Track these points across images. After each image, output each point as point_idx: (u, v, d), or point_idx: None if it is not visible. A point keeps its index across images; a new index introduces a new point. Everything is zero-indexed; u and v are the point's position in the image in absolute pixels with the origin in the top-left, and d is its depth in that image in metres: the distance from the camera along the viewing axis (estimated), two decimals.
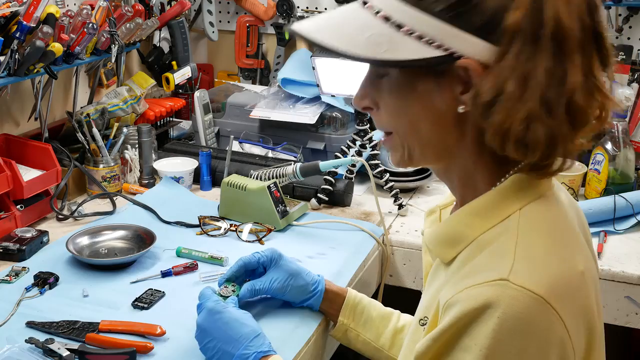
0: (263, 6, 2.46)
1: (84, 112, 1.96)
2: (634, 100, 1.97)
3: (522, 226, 0.81)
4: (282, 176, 1.77)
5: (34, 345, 1.20)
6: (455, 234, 0.86)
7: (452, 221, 0.88)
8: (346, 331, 1.30)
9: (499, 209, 0.83)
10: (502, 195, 0.84)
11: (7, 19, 1.60)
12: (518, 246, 0.79)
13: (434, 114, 0.84)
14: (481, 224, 0.83)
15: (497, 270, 0.76)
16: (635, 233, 1.72)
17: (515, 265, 0.76)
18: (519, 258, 0.77)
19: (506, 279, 0.75)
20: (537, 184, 0.85)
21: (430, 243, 0.91)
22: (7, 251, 1.52)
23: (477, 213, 0.84)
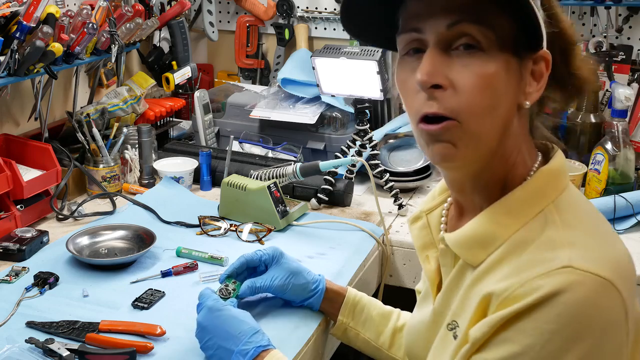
0: (263, 6, 2.46)
1: (84, 112, 1.96)
2: (634, 100, 1.97)
3: (563, 217, 0.82)
4: (282, 176, 1.77)
5: (34, 345, 1.20)
6: (486, 235, 0.84)
7: (481, 222, 0.86)
8: (346, 330, 1.31)
9: (529, 206, 0.83)
10: (531, 192, 0.84)
11: (7, 19, 1.60)
12: (567, 236, 0.79)
13: (508, 102, 0.82)
14: (513, 222, 0.83)
15: (556, 260, 0.76)
16: (635, 233, 1.72)
17: (573, 253, 0.76)
18: (573, 246, 0.78)
19: (569, 265, 0.75)
20: (561, 176, 0.87)
21: (457, 246, 0.88)
22: (7, 251, 1.52)
23: (508, 212, 0.84)
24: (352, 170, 1.87)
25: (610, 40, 2.03)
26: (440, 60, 0.80)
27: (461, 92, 0.79)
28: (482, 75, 0.79)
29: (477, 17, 0.79)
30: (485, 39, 0.79)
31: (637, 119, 1.99)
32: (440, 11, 0.80)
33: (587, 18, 2.08)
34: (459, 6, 0.79)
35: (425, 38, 0.81)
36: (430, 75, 0.79)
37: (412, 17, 0.82)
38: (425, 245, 1.00)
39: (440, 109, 0.80)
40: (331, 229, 1.71)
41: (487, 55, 0.79)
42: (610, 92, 2.02)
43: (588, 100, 2.00)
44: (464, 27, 0.79)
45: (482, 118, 0.80)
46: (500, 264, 0.82)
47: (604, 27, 2.03)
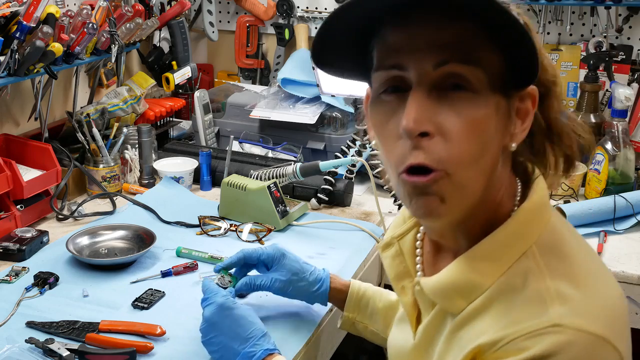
0: (263, 6, 2.46)
1: (84, 112, 1.96)
2: (634, 100, 1.97)
3: (548, 263, 0.75)
4: (282, 176, 1.77)
5: (34, 345, 1.20)
6: (467, 284, 0.78)
7: (460, 270, 0.79)
8: (353, 324, 1.28)
9: (510, 249, 0.77)
10: (511, 235, 0.78)
11: (7, 19, 1.60)
12: (553, 286, 0.73)
13: (496, 146, 0.75)
14: (495, 269, 0.77)
15: (544, 317, 0.70)
16: (635, 233, 1.72)
17: (563, 309, 0.71)
18: (563, 300, 0.72)
19: (559, 324, 0.69)
20: (542, 210, 0.80)
21: (435, 295, 0.81)
22: (7, 251, 1.52)
23: (489, 258, 0.77)
24: (352, 170, 1.87)
25: (610, 40, 2.03)
26: (426, 104, 0.72)
27: (450, 139, 0.72)
28: (473, 120, 0.72)
29: (467, 56, 0.71)
30: (475, 79, 0.72)
31: (637, 119, 1.99)
32: (426, 47, 0.72)
33: (587, 18, 2.09)
34: (446, 42, 0.71)
35: (408, 77, 0.73)
36: (418, 122, 0.71)
37: (391, 52, 0.74)
38: (400, 275, 0.92)
39: (428, 159, 0.72)
40: (331, 229, 1.71)
41: (477, 97, 0.72)
42: (610, 92, 2.03)
43: (588, 100, 2.00)
44: (453, 68, 0.71)
45: (471, 167, 0.73)
46: (483, 313, 0.76)
47: (604, 27, 2.03)
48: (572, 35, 2.12)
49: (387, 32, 0.74)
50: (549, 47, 2.13)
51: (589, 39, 2.07)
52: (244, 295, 1.40)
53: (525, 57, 0.72)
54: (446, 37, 0.71)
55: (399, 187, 0.77)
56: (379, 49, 0.76)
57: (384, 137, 0.77)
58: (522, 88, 0.76)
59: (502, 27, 0.70)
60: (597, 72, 2.00)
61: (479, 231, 0.80)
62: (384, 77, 0.75)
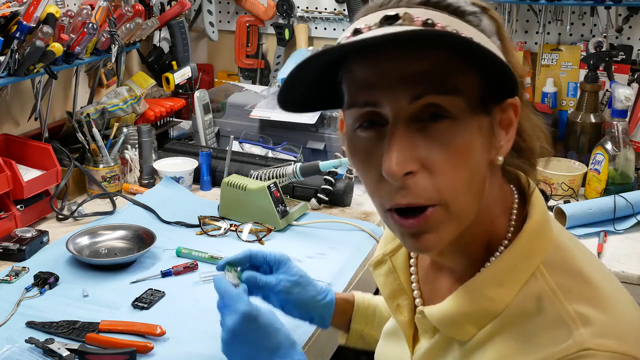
0: (263, 6, 2.46)
1: (84, 112, 1.96)
2: (634, 100, 1.97)
3: (558, 284, 0.73)
4: (282, 176, 1.77)
5: (34, 345, 1.20)
6: (477, 312, 0.75)
7: (469, 298, 0.76)
8: (361, 336, 1.19)
9: (518, 272, 0.75)
10: (518, 256, 0.75)
11: (7, 19, 1.60)
12: (571, 309, 0.71)
13: (483, 165, 0.72)
14: (505, 293, 0.74)
15: (569, 341, 0.68)
16: (635, 233, 1.72)
17: (587, 330, 0.69)
18: (584, 321, 0.69)
19: (588, 348, 0.67)
20: (545, 227, 0.78)
21: (442, 324, 0.78)
22: (7, 251, 1.52)
23: (498, 283, 0.75)
24: (352, 170, 1.87)
25: (610, 40, 2.03)
26: (407, 142, 0.67)
27: (438, 172, 0.68)
28: (457, 148, 0.68)
29: (443, 86, 0.67)
30: (454, 107, 0.68)
31: (637, 119, 1.99)
32: (399, 81, 0.67)
33: (587, 18, 2.09)
34: (418, 73, 0.67)
35: (383, 112, 0.69)
36: (400, 164, 0.67)
37: (362, 88, 0.69)
38: (395, 293, 0.88)
39: (417, 198, 0.69)
40: (331, 229, 1.70)
41: (457, 123, 0.68)
42: (610, 92, 2.03)
43: (588, 100, 2.00)
44: (430, 99, 0.67)
45: (464, 195, 0.70)
46: (497, 337, 0.74)
47: (604, 27, 2.03)
48: (572, 35, 2.12)
49: (356, 67, 0.70)
50: (549, 47, 2.13)
51: (589, 39, 2.08)
52: None
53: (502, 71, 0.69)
54: (419, 68, 0.67)
55: (388, 221, 0.74)
56: (348, 84, 0.72)
57: (365, 174, 0.74)
58: (502, 100, 0.74)
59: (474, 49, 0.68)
60: (597, 72, 2.00)
61: (479, 247, 0.78)
62: (358, 114, 0.71)
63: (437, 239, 0.71)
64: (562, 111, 2.14)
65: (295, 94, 0.75)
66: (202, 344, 1.24)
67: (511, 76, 0.68)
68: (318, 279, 1.47)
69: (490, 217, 0.77)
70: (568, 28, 2.09)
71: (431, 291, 0.85)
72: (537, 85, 2.16)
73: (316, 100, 0.78)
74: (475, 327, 0.75)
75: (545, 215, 0.79)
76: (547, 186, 1.88)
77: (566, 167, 1.95)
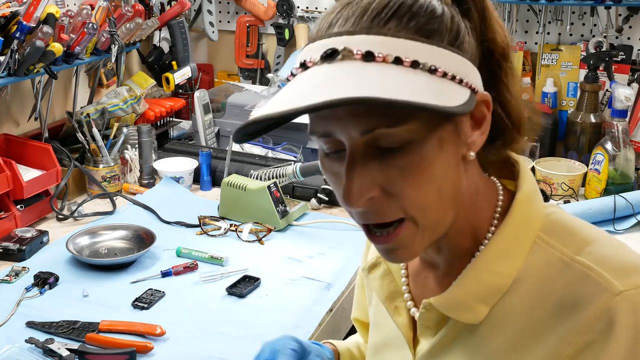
0: (263, 6, 2.46)
1: (84, 112, 1.96)
2: (634, 100, 1.97)
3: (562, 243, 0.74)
4: (282, 176, 1.77)
5: (34, 345, 1.20)
6: (487, 289, 0.75)
7: (477, 278, 0.76)
8: None
9: (519, 242, 0.76)
10: (517, 227, 0.76)
11: (7, 19, 1.60)
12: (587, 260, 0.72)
13: (452, 171, 0.71)
14: (511, 265, 0.75)
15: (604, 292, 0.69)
16: (635, 233, 1.72)
17: (610, 275, 0.70)
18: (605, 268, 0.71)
19: (621, 290, 0.69)
20: (536, 198, 0.79)
21: (452, 309, 0.77)
22: (7, 251, 1.52)
23: (502, 255, 0.75)
24: None
25: (610, 40, 2.03)
26: (363, 170, 0.67)
27: (399, 195, 0.68)
28: (416, 170, 0.67)
29: (393, 119, 0.65)
30: (408, 133, 0.66)
31: (637, 119, 1.99)
32: (349, 117, 0.66)
33: (587, 18, 2.09)
34: (367, 108, 0.65)
35: (341, 139, 0.68)
36: (358, 195, 0.67)
37: (319, 119, 0.69)
38: (392, 295, 0.87)
39: (381, 218, 0.69)
40: (331, 229, 1.70)
41: (412, 146, 0.67)
42: (610, 92, 2.03)
43: (588, 100, 2.00)
44: (380, 132, 0.66)
45: (432, 207, 0.69)
46: (518, 311, 0.74)
47: (604, 27, 2.03)
48: (572, 35, 2.12)
49: None
50: (549, 47, 2.13)
51: (589, 39, 2.08)
52: (244, 295, 1.40)
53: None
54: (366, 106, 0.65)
55: (364, 233, 0.74)
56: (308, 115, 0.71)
57: (336, 193, 0.73)
58: None
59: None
60: (597, 72, 2.00)
61: (465, 239, 0.78)
62: (319, 141, 0.72)
63: (410, 253, 0.72)
64: (562, 111, 2.14)
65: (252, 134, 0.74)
66: (202, 344, 1.24)
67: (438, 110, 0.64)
68: (318, 278, 1.47)
69: (473, 210, 0.77)
70: (568, 28, 2.09)
71: (420, 290, 0.85)
72: (537, 85, 2.16)
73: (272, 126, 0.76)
74: (486, 306, 0.75)
75: (534, 185, 0.80)
76: (547, 186, 1.88)
77: (566, 167, 1.95)
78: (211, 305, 1.37)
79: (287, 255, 1.57)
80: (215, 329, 1.29)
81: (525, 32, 2.17)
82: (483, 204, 0.78)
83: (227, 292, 1.41)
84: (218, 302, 1.38)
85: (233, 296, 1.40)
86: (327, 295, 1.42)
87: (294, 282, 1.46)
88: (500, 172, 0.82)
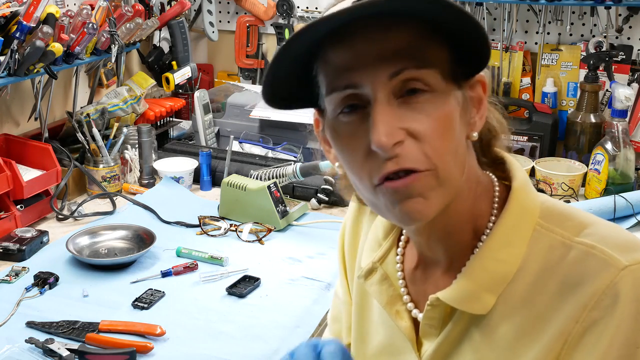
0: (263, 6, 2.46)
1: (84, 112, 1.96)
2: (634, 100, 1.97)
3: (560, 226, 0.76)
4: (282, 176, 1.77)
5: (34, 345, 1.21)
6: (492, 277, 0.76)
7: (482, 267, 0.77)
8: None
9: (520, 230, 0.77)
10: (516, 215, 0.78)
11: (7, 19, 1.60)
12: (589, 240, 0.74)
13: (463, 137, 0.75)
14: (514, 253, 0.76)
15: (610, 267, 0.71)
16: (636, 233, 1.71)
17: (614, 252, 0.72)
18: (607, 245, 0.73)
19: (626, 265, 0.71)
20: (529, 187, 0.81)
21: (460, 302, 0.77)
22: (7, 251, 1.52)
23: (505, 244, 0.77)
24: None
25: (610, 40, 2.03)
26: (391, 114, 0.69)
27: (424, 140, 0.70)
28: (440, 118, 0.70)
29: (420, 60, 0.69)
30: (433, 79, 0.70)
31: (637, 119, 1.99)
32: (375, 60, 0.69)
33: (587, 18, 2.08)
34: (395, 50, 0.69)
35: (364, 92, 0.70)
36: (389, 135, 0.68)
37: (341, 72, 0.71)
38: (392, 299, 0.86)
39: (405, 163, 0.69)
40: (331, 229, 1.70)
41: (437, 95, 0.71)
42: (610, 92, 2.03)
43: (588, 100, 2.00)
44: (409, 74, 0.69)
45: (450, 161, 0.72)
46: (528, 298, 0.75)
47: (604, 27, 2.03)
48: (572, 35, 2.12)
49: (330, 54, 0.71)
50: (549, 47, 2.13)
51: (589, 39, 2.07)
52: (244, 295, 1.40)
53: (472, 46, 0.71)
54: (394, 45, 0.69)
55: (377, 199, 0.73)
56: (325, 72, 0.73)
57: (349, 157, 0.74)
58: (471, 76, 0.76)
59: (448, 22, 0.69)
60: (597, 72, 2.00)
61: (465, 229, 0.79)
62: (338, 98, 0.72)
63: (427, 205, 0.72)
64: (562, 111, 2.14)
65: (280, 90, 0.76)
66: (202, 344, 1.24)
67: (483, 38, 0.70)
68: (318, 278, 1.47)
69: (473, 195, 0.79)
70: (568, 28, 2.08)
71: (420, 291, 0.85)
72: (537, 85, 2.16)
73: (302, 95, 0.78)
74: (493, 295, 0.76)
75: (526, 176, 0.82)
76: (547, 186, 1.88)
77: (566, 167, 1.95)
78: (211, 305, 1.37)
79: (287, 255, 1.57)
80: (215, 329, 1.29)
81: (525, 32, 2.17)
82: (483, 194, 0.80)
83: (227, 292, 1.41)
84: (218, 302, 1.38)
85: (233, 296, 1.40)
86: (327, 295, 1.42)
87: (294, 282, 1.46)
88: (492, 171, 0.84)
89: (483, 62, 0.75)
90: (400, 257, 0.88)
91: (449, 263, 0.81)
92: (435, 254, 0.82)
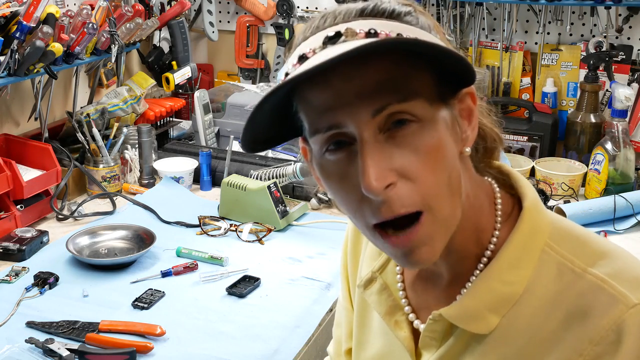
0: (263, 6, 2.46)
1: (84, 112, 1.96)
2: (634, 100, 1.97)
3: (571, 252, 0.74)
4: (282, 176, 1.77)
5: (34, 345, 1.21)
6: (497, 298, 0.75)
7: (488, 287, 0.75)
8: None
9: (528, 251, 0.75)
10: (526, 235, 0.76)
11: (7, 19, 1.60)
12: (601, 273, 0.72)
13: (455, 159, 0.71)
14: (522, 275, 0.75)
15: (618, 304, 0.70)
16: (635, 233, 1.72)
17: (625, 288, 0.71)
18: (619, 281, 0.71)
19: (635, 303, 0.69)
20: (540, 206, 0.78)
21: (462, 320, 0.76)
22: (7, 251, 1.52)
23: (513, 265, 0.75)
24: None
25: (610, 40, 2.03)
26: (380, 155, 0.66)
27: (417, 178, 0.66)
28: (431, 150, 0.67)
29: (403, 93, 0.66)
30: (418, 110, 0.67)
31: (637, 119, 1.99)
32: (356, 98, 0.65)
33: (587, 18, 2.08)
34: (376, 84, 0.65)
35: (349, 131, 0.67)
36: (379, 179, 0.65)
37: (322, 113, 0.67)
38: (391, 310, 0.85)
39: (400, 208, 0.66)
40: (331, 229, 1.70)
41: (424, 124, 0.67)
42: (610, 92, 2.03)
43: (588, 100, 2.00)
44: (393, 109, 0.66)
45: (446, 197, 0.69)
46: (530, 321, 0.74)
47: (604, 27, 2.03)
48: (572, 35, 2.12)
49: (309, 94, 0.68)
50: (549, 47, 2.13)
51: (589, 39, 2.07)
52: (244, 295, 1.40)
53: (454, 65, 0.68)
54: (374, 79, 0.65)
55: (375, 238, 0.71)
56: (306, 112, 0.70)
57: (344, 197, 0.71)
58: (459, 90, 0.73)
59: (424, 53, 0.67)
60: (597, 72, 2.00)
61: (469, 242, 0.77)
62: (323, 139, 0.69)
63: (431, 251, 0.70)
64: (562, 111, 2.14)
65: (257, 134, 0.75)
66: (202, 344, 1.24)
67: (465, 65, 0.68)
68: (318, 278, 1.47)
69: (476, 208, 0.77)
70: (568, 28, 2.08)
71: (421, 301, 0.84)
72: (537, 85, 2.16)
73: (279, 133, 0.77)
74: (497, 316, 0.75)
75: (536, 193, 0.80)
76: (547, 186, 1.88)
77: (566, 167, 1.95)
78: (211, 305, 1.37)
79: (287, 255, 1.57)
80: (215, 329, 1.30)
81: (525, 32, 2.17)
82: (484, 202, 0.78)
83: (227, 292, 1.41)
84: (218, 302, 1.38)
85: (233, 296, 1.40)
86: (327, 295, 1.42)
87: (294, 282, 1.46)
88: (491, 176, 0.82)
89: (470, 77, 0.71)
90: (400, 268, 0.86)
91: (452, 276, 0.80)
92: (438, 267, 0.81)
